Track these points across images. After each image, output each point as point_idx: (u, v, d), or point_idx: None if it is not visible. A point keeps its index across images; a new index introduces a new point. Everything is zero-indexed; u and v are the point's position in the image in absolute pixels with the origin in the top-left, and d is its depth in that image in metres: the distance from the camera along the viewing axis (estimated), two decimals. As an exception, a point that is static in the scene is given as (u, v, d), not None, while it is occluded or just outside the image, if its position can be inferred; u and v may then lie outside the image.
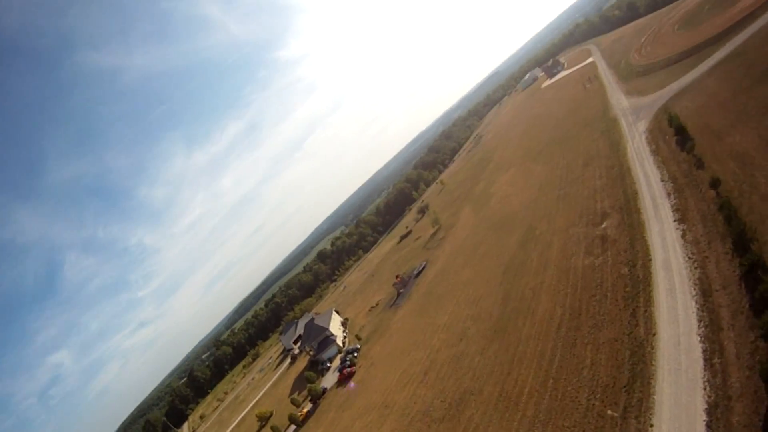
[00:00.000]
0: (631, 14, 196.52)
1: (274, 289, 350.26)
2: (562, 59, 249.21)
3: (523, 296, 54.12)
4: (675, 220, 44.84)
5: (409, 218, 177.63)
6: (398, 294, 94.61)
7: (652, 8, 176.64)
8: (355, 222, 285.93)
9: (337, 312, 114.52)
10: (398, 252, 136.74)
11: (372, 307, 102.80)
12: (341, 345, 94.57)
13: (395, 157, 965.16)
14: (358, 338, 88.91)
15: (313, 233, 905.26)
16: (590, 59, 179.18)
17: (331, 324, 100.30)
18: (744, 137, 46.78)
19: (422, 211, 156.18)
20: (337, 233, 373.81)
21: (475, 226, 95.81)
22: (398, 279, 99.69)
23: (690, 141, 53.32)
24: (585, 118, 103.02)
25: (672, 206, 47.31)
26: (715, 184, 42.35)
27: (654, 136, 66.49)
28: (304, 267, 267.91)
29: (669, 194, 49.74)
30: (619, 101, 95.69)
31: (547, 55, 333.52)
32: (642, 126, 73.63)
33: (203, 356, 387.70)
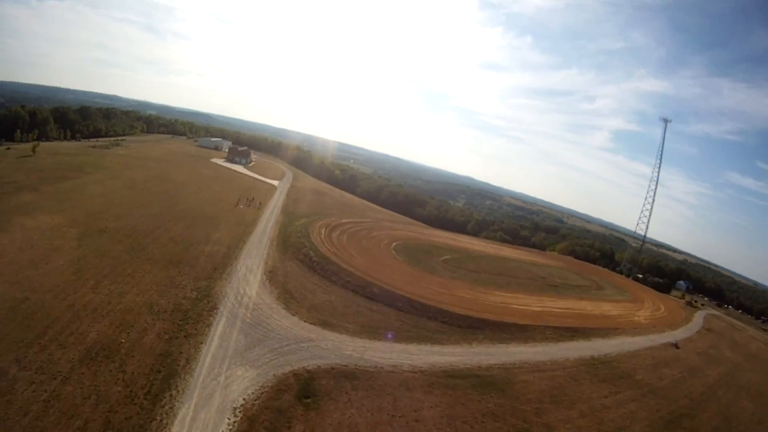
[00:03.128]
0: (349, 186, 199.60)
1: None
2: (255, 156, 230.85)
3: None
4: None
5: None
6: None
7: (373, 198, 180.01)
8: None
9: None
10: None
11: None
12: None
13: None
14: None
15: None
16: (276, 182, 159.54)
17: None
18: None
19: None
20: None
21: None
22: None
23: None
24: (189, 254, 66.78)
25: None
26: None
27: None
28: None
29: None
30: (248, 281, 62.93)
31: (248, 141, 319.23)
32: (249, 379, 38.51)
33: None
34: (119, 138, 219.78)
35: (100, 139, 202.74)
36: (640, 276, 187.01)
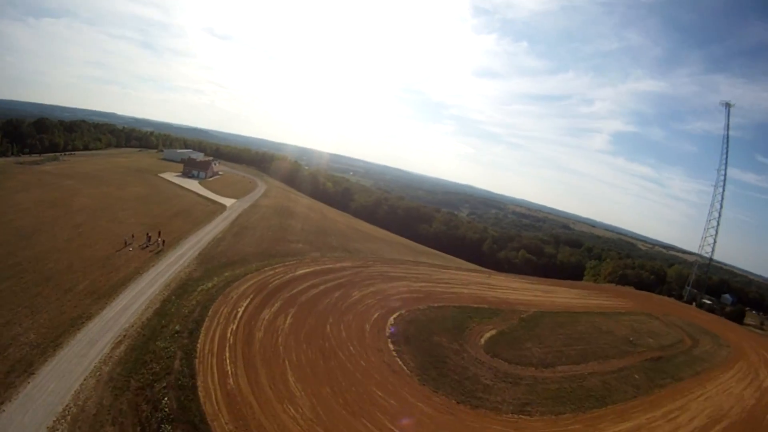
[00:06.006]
0: (342, 200, 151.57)
1: None
2: (225, 168, 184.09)
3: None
4: None
5: None
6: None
7: (369, 215, 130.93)
8: None
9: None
10: None
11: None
12: None
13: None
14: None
15: None
16: (232, 201, 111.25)
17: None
18: None
19: None
20: None
21: None
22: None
23: None
24: None
25: None
26: None
27: None
28: None
29: None
30: None
31: (228, 153, 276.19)
32: None
33: None
34: (69, 152, 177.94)
35: (44, 154, 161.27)
36: (708, 302, 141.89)
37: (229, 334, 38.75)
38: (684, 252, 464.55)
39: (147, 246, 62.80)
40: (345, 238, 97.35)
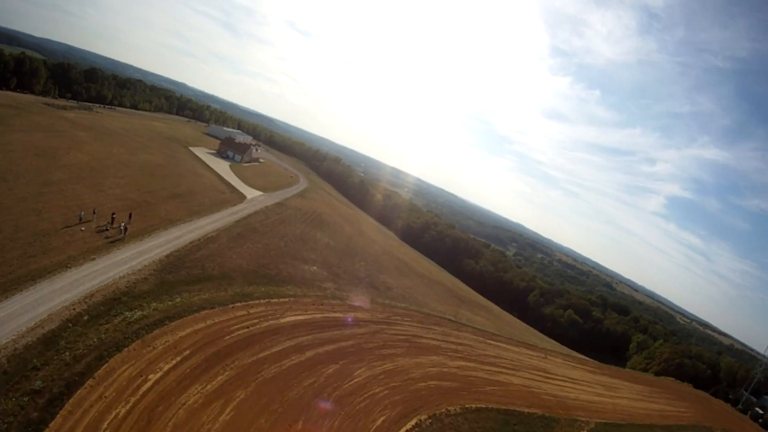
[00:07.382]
0: (387, 216, 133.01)
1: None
2: (264, 155, 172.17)
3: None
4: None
5: None
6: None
7: (413, 239, 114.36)
8: None
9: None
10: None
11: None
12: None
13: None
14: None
15: None
16: (256, 194, 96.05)
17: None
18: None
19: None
20: None
21: None
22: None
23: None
24: None
25: None
26: None
27: None
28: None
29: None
30: None
31: (281, 143, 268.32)
32: None
33: None
34: (111, 107, 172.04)
35: (81, 103, 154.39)
36: (761, 411, 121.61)
37: (105, 426, 21.15)
38: (719, 333, 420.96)
39: (105, 230, 47.00)
40: (377, 266, 78.93)
